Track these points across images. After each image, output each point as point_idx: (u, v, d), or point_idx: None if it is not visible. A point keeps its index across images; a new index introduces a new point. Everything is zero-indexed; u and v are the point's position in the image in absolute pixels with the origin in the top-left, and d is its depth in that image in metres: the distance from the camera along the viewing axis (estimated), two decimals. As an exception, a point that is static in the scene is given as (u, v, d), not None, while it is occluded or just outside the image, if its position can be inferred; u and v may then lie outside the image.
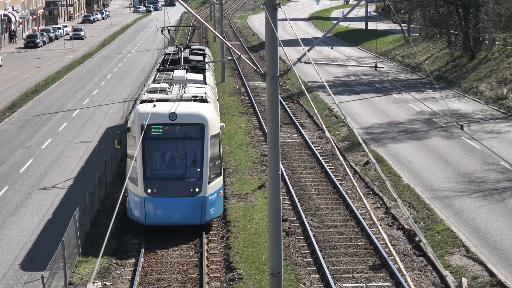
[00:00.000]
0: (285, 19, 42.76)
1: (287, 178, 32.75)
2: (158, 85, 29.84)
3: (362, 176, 33.65)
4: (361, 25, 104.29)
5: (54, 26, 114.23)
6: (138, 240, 26.24)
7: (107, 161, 32.03)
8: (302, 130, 42.45)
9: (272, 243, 19.20)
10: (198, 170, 26.26)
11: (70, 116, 48.66)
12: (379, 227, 13.57)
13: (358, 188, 14.16)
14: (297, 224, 27.63)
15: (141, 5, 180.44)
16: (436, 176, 32.71)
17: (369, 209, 14.18)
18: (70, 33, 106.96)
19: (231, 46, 19.81)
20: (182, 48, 37.93)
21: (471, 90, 52.48)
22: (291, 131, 43.01)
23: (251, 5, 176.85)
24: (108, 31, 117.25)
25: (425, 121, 44.00)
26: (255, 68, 19.53)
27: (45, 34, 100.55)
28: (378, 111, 47.52)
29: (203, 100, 28.30)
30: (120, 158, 35.34)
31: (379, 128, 42.82)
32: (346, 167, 14.66)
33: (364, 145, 16.06)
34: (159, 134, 26.49)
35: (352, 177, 14.48)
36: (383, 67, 52.21)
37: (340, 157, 16.56)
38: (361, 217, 27.56)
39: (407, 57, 72.07)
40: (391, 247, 13.77)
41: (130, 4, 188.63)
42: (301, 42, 17.87)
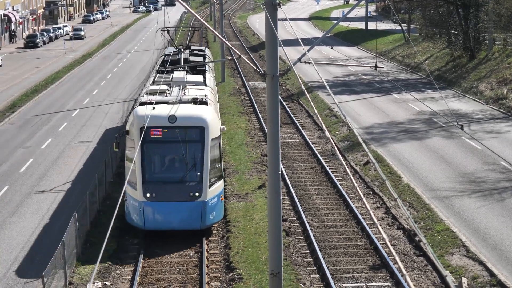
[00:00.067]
0: (285, 19, 42.75)
1: (287, 178, 32.75)
2: (157, 87, 29.35)
3: (362, 176, 33.66)
4: (361, 25, 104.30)
5: (54, 26, 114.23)
6: (138, 240, 26.23)
7: (107, 161, 31.99)
8: (302, 130, 42.44)
9: (272, 243, 19.19)
10: (198, 174, 25.80)
11: (70, 116, 48.66)
12: (379, 227, 13.57)
13: (358, 188, 14.16)
14: (297, 224, 27.63)
15: (141, 5, 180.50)
16: (436, 176, 32.70)
17: (369, 209, 14.18)
18: (70, 33, 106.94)
19: (231, 46, 19.79)
20: (182, 49, 37.40)
21: (471, 90, 52.48)
22: (291, 131, 43.00)
23: (251, 5, 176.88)
24: (108, 31, 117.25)
25: (425, 121, 44.00)
26: (255, 68, 19.52)
27: (45, 34, 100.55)
28: (378, 111, 47.52)
29: (203, 102, 27.81)
30: (120, 158, 35.30)
31: (379, 128, 42.82)
32: (346, 167, 14.66)
33: (364, 145, 16.05)
34: (159, 137, 25.96)
35: (352, 177, 14.48)
36: (383, 67, 52.24)
37: (340, 157, 16.56)
38: (361, 217, 27.57)
39: (407, 57, 72.06)
40: (391, 247, 13.77)
41: (130, 4, 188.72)
42: (301, 42, 17.86)
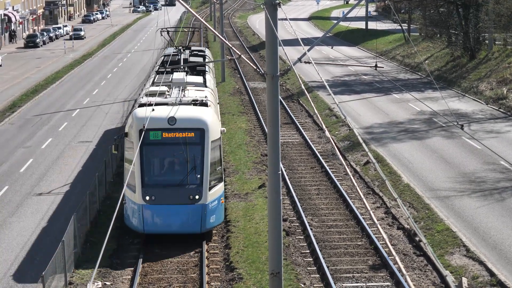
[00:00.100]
0: (285, 19, 42.71)
1: (287, 178, 32.74)
2: (157, 88, 29.01)
3: (362, 176, 33.66)
4: (361, 25, 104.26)
5: (54, 26, 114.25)
6: (138, 240, 26.22)
7: (107, 161, 31.97)
8: (302, 130, 42.44)
9: (272, 242, 19.19)
10: (198, 176, 25.50)
11: (70, 116, 48.66)
12: (379, 227, 13.57)
13: (358, 188, 14.16)
14: (297, 224, 27.63)
15: (141, 5, 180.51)
16: (436, 175, 32.70)
17: (369, 208, 14.18)
18: (70, 32, 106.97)
19: (231, 46, 19.78)
20: (181, 49, 37.00)
21: (471, 90, 52.47)
22: (291, 131, 43.00)
23: (251, 5, 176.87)
24: (108, 31, 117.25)
25: (425, 120, 44.00)
26: (255, 67, 19.52)
27: (45, 34, 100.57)
28: (378, 111, 47.51)
29: (203, 103, 27.47)
30: (120, 158, 35.28)
31: (379, 128, 42.81)
32: (346, 167, 14.67)
33: (364, 145, 16.05)
34: (158, 140, 25.67)
35: (352, 177, 14.48)
36: (383, 67, 52.21)
37: (340, 157, 16.57)
38: (361, 217, 27.56)
39: (407, 57, 72.05)
40: (391, 247, 13.77)
41: (130, 4, 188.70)
42: (301, 42, 17.86)
